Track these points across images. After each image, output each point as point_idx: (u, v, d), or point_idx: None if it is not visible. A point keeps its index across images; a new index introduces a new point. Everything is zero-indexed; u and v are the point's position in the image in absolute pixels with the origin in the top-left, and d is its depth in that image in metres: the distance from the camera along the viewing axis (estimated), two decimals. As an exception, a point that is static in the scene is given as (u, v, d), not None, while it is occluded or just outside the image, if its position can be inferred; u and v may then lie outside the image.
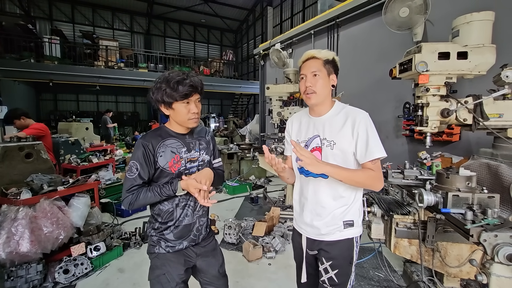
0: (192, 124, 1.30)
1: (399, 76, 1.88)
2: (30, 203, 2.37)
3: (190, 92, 1.21)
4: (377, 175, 1.18)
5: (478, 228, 1.19)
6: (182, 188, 1.23)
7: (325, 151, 1.23)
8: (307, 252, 1.35)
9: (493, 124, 1.69)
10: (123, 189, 1.24)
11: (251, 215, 4.02)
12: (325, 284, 1.27)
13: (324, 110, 1.27)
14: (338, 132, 1.21)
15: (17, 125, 3.35)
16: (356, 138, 1.17)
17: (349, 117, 1.20)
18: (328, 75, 1.23)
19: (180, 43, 17.26)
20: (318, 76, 1.21)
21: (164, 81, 1.22)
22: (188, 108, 1.25)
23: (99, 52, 11.61)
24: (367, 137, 1.16)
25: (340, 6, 4.66)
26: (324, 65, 1.21)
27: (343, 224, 1.24)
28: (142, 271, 2.61)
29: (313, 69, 1.21)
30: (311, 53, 1.23)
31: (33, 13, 12.93)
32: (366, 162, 1.17)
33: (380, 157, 1.16)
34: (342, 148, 1.19)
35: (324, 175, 1.22)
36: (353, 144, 1.18)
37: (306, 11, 11.91)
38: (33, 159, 2.77)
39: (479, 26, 1.63)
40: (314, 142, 1.27)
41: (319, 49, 1.24)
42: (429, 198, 1.43)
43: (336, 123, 1.22)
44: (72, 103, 14.48)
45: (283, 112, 3.98)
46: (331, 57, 1.22)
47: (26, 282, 2.25)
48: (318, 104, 1.26)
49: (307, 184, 1.30)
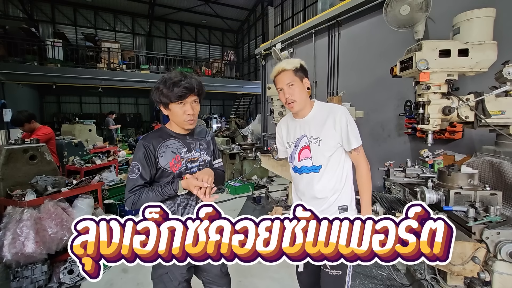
0: (188, 125, 1.31)
1: (400, 74, 1.88)
2: (35, 204, 2.39)
3: (184, 93, 1.23)
4: (363, 164, 1.36)
5: (480, 226, 1.19)
6: (183, 187, 1.24)
7: (313, 147, 1.35)
8: None
9: (495, 121, 1.68)
10: (126, 189, 1.26)
11: (253, 215, 4.01)
12: (326, 268, 1.34)
13: (306, 112, 1.39)
14: (322, 128, 1.33)
15: (26, 128, 3.37)
16: (340, 131, 1.32)
17: (330, 113, 1.33)
18: (301, 81, 1.33)
19: (181, 44, 17.31)
20: (294, 85, 1.31)
21: (162, 82, 1.24)
22: (184, 109, 1.26)
23: (101, 54, 11.69)
24: (347, 129, 1.31)
25: (341, 5, 4.65)
26: (295, 73, 1.31)
27: (338, 209, 1.35)
28: (146, 271, 2.61)
29: (287, 81, 1.32)
30: (280, 67, 1.33)
31: (36, 16, 13.05)
32: (351, 151, 1.34)
33: (357, 146, 1.33)
34: (327, 142, 1.33)
35: (315, 169, 1.35)
36: (338, 136, 1.32)
37: (307, 10, 11.90)
38: (37, 161, 2.80)
39: (480, 23, 1.62)
40: (302, 141, 1.39)
41: (286, 60, 1.35)
42: (431, 196, 1.43)
43: (319, 120, 1.35)
44: (75, 105, 14.58)
45: (284, 112, 3.98)
46: (298, 65, 1.32)
47: (32, 282, 2.28)
48: (301, 108, 1.37)
49: (301, 180, 1.41)
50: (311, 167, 1.36)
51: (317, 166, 1.34)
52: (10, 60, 9.41)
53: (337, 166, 1.35)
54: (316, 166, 1.34)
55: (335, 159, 1.34)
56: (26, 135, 3.33)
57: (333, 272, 1.32)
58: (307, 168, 1.37)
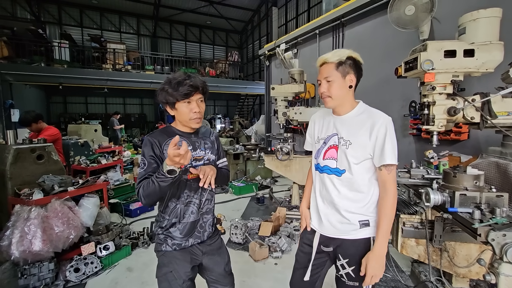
0: (195, 124, 1.34)
1: (404, 74, 1.87)
2: (42, 203, 2.43)
3: (190, 91, 1.26)
4: (391, 187, 1.19)
5: (486, 227, 1.17)
6: (167, 164, 1.13)
7: (341, 149, 1.25)
8: (318, 249, 1.36)
9: (501, 122, 1.66)
10: (136, 183, 1.29)
11: (257, 215, 4.03)
12: (342, 278, 1.30)
13: (344, 111, 1.29)
14: (355, 132, 1.22)
15: (33, 128, 3.42)
16: (374, 141, 1.18)
17: (370, 119, 1.20)
18: (344, 77, 1.21)
19: (186, 45, 17.43)
20: (332, 81, 1.21)
21: (167, 82, 1.27)
22: (190, 107, 1.29)
23: (107, 55, 11.81)
24: (384, 141, 1.16)
25: (345, 5, 4.63)
26: (336, 68, 1.20)
27: (359, 224, 1.25)
28: (150, 270, 2.65)
29: (325, 75, 1.22)
30: (323, 59, 1.23)
31: (43, 18, 13.25)
32: (381, 167, 1.18)
33: (390, 164, 1.17)
34: (356, 149, 1.21)
35: (338, 172, 1.25)
36: (370, 146, 1.19)
37: (311, 11, 11.89)
38: (45, 161, 2.84)
39: (486, 23, 1.61)
40: (332, 140, 1.29)
41: (335, 51, 1.22)
42: (436, 197, 1.41)
43: (356, 123, 1.23)
44: (81, 105, 14.77)
45: (288, 113, 3.98)
46: (344, 57, 1.19)
47: (39, 280, 2.31)
48: (337, 105, 1.28)
49: (322, 180, 1.32)
50: (334, 169, 1.26)
51: (340, 169, 1.24)
52: (18, 61, 9.56)
53: (363, 176, 1.23)
54: (339, 170, 1.25)
55: (362, 169, 1.22)
56: (34, 135, 3.38)
57: (350, 283, 1.29)
58: (329, 169, 1.28)
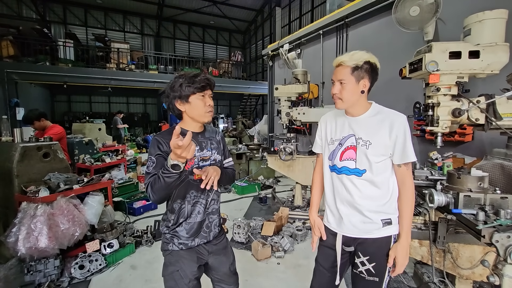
0: (208, 117, 1.37)
1: (409, 76, 1.87)
2: (48, 200, 2.46)
3: (206, 84, 1.31)
4: (410, 182, 1.25)
5: (490, 229, 1.18)
6: (171, 159, 1.12)
7: (360, 150, 1.24)
8: (342, 250, 1.35)
9: (506, 124, 1.66)
10: (144, 182, 1.29)
11: (259, 215, 4.04)
12: (362, 274, 1.30)
13: (358, 112, 1.29)
14: (374, 133, 1.23)
15: (36, 126, 3.46)
16: (395, 140, 1.20)
17: (387, 119, 1.22)
18: (358, 81, 1.21)
19: (189, 44, 17.49)
20: (345, 84, 1.21)
21: (181, 77, 1.31)
22: (204, 101, 1.33)
23: (111, 54, 11.89)
24: (405, 140, 1.19)
25: (349, 5, 4.63)
26: (352, 72, 1.20)
27: (382, 222, 1.25)
28: (154, 268, 2.68)
29: (339, 77, 1.22)
30: (339, 60, 1.23)
31: (48, 17, 13.38)
32: (401, 164, 1.22)
33: (412, 161, 1.21)
34: (377, 148, 1.22)
35: (358, 172, 1.25)
36: (391, 146, 1.21)
37: (315, 11, 11.88)
38: (50, 159, 2.88)
39: (491, 24, 1.60)
40: (349, 141, 1.29)
41: (352, 53, 1.21)
42: (439, 199, 1.42)
43: (374, 124, 1.24)
44: (85, 104, 14.88)
45: (291, 113, 3.98)
46: (361, 62, 1.19)
47: (45, 276, 2.35)
48: (347, 108, 1.29)
49: (341, 182, 1.31)
50: (353, 169, 1.26)
51: (360, 170, 1.25)
52: (23, 60, 9.66)
53: (383, 174, 1.24)
54: (359, 170, 1.25)
55: (382, 167, 1.23)
56: (39, 133, 3.42)
57: (370, 278, 1.28)
58: (348, 169, 1.27)
